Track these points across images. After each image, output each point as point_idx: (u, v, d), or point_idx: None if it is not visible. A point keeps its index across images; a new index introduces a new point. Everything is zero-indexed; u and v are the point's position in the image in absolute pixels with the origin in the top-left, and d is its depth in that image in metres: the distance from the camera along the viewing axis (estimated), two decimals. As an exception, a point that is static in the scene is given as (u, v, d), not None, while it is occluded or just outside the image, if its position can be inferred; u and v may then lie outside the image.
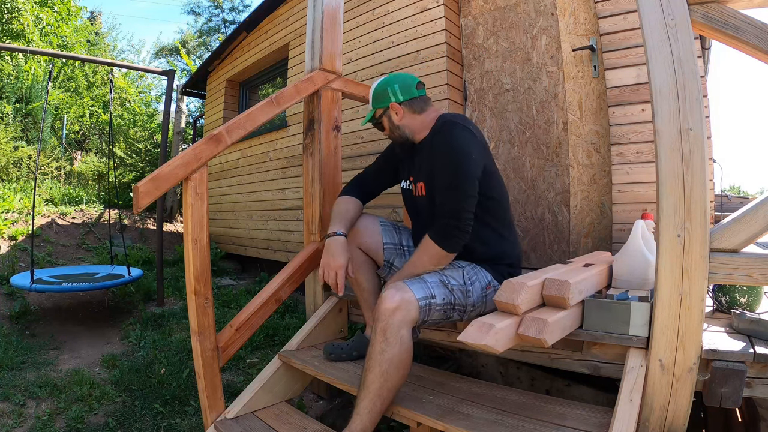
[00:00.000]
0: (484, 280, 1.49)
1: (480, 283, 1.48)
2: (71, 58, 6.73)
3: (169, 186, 1.53)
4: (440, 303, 1.38)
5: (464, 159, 1.41)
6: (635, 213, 2.15)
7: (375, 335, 1.31)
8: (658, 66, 1.12)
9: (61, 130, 7.82)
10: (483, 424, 1.23)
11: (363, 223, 1.71)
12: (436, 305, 1.37)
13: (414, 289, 1.34)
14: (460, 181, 1.40)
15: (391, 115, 1.62)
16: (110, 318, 3.35)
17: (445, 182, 1.43)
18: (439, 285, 1.39)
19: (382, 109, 1.64)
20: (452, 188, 1.41)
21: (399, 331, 1.29)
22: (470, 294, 1.45)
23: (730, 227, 1.09)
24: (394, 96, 1.61)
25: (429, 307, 1.35)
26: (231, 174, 4.98)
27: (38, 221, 4.77)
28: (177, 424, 1.94)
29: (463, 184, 1.40)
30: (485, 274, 1.50)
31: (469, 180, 1.40)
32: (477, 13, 2.91)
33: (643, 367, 1.17)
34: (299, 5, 4.06)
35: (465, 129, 1.47)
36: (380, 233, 1.71)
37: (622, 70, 2.21)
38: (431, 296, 1.36)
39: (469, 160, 1.41)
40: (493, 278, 1.51)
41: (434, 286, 1.38)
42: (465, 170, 1.40)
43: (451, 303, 1.41)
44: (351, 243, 1.67)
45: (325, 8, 2.09)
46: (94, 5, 14.37)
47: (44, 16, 8.36)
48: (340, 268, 1.54)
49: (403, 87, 1.61)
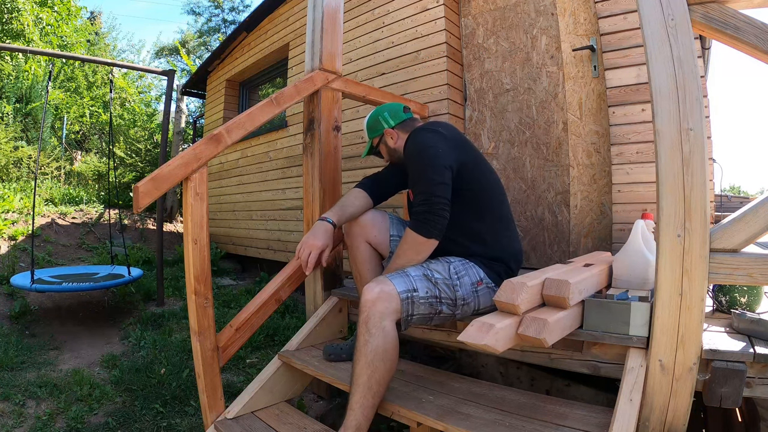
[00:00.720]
0: (475, 276, 1.49)
1: (470, 278, 1.47)
2: (71, 58, 6.73)
3: (169, 186, 1.53)
4: (423, 296, 1.39)
5: (426, 151, 1.48)
6: (635, 213, 2.15)
7: (359, 327, 1.34)
8: (658, 66, 1.12)
9: (61, 130, 7.82)
10: (483, 424, 1.23)
11: (373, 217, 1.73)
12: (419, 298, 1.38)
13: (395, 282, 1.36)
14: (424, 170, 1.44)
15: (387, 140, 1.74)
16: (110, 318, 3.35)
17: (414, 176, 1.50)
18: (421, 278, 1.41)
19: (378, 137, 1.76)
20: (419, 179, 1.46)
21: (381, 322, 1.31)
22: (458, 288, 1.45)
23: (730, 227, 1.09)
24: (386, 123, 1.73)
25: (411, 300, 1.36)
26: (231, 174, 4.98)
27: (38, 221, 4.76)
28: (177, 424, 1.94)
29: (429, 172, 1.43)
30: (477, 270, 1.50)
31: (433, 168, 1.44)
32: (477, 13, 2.91)
33: (643, 367, 1.17)
34: (299, 5, 4.06)
35: (430, 131, 1.56)
36: (388, 227, 1.73)
37: (622, 70, 2.21)
38: (413, 289, 1.37)
39: (433, 152, 1.47)
40: (486, 275, 1.50)
41: (416, 279, 1.40)
42: (428, 161, 1.45)
43: (436, 296, 1.41)
44: (359, 237, 1.70)
45: (325, 8, 2.09)
46: (94, 5, 14.38)
47: (44, 16, 8.36)
48: (316, 248, 1.60)
49: (391, 113, 1.74)
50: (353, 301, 1.98)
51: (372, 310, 1.32)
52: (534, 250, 2.63)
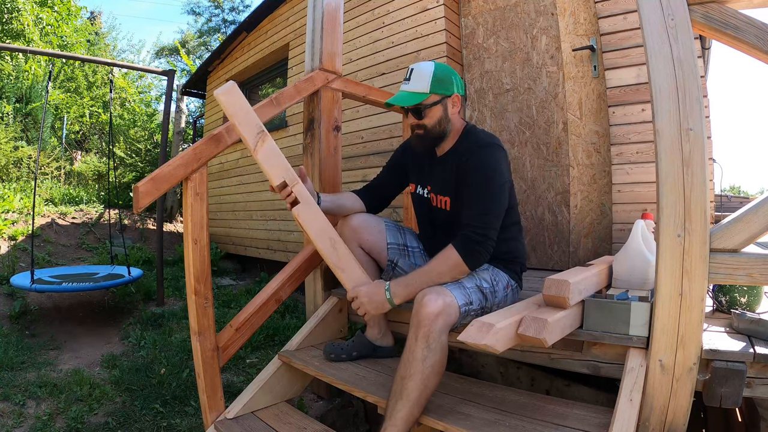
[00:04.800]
0: (504, 279, 1.51)
1: (502, 284, 1.50)
2: (71, 58, 6.74)
3: (169, 186, 1.53)
4: (475, 308, 1.38)
5: (499, 177, 1.42)
6: (635, 213, 2.15)
7: (416, 341, 1.25)
8: (658, 66, 1.12)
9: (61, 130, 7.82)
10: (483, 424, 1.23)
11: (364, 220, 1.66)
12: (472, 311, 1.37)
13: (456, 294, 1.32)
14: (494, 207, 1.40)
15: (449, 105, 1.49)
16: (110, 318, 3.35)
17: (480, 207, 1.40)
18: (476, 290, 1.40)
19: (440, 96, 1.47)
20: (485, 213, 1.39)
21: (440, 337, 1.26)
22: (497, 294, 1.46)
23: (730, 227, 1.09)
24: (457, 87, 1.50)
25: (467, 314, 1.35)
26: (231, 174, 4.98)
27: (38, 221, 4.76)
28: (177, 424, 1.94)
29: (497, 210, 1.41)
30: (503, 274, 1.52)
31: (502, 206, 1.42)
32: (477, 13, 2.91)
33: (643, 367, 1.17)
34: (299, 5, 4.06)
35: (500, 149, 1.46)
36: (384, 232, 1.67)
37: (622, 70, 2.21)
38: (470, 302, 1.36)
39: (501, 180, 1.42)
40: (509, 278, 1.53)
41: (472, 291, 1.38)
42: (497, 189, 1.41)
43: (483, 307, 1.41)
44: (352, 241, 1.64)
45: (325, 8, 2.08)
46: (94, 5, 14.36)
47: (44, 16, 8.35)
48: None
49: (459, 81, 1.52)
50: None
51: (434, 325, 1.25)
52: (534, 251, 2.63)
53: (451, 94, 1.49)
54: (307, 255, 1.99)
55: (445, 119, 1.50)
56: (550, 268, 2.56)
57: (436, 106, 1.47)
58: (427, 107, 1.47)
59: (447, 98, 1.48)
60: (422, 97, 1.46)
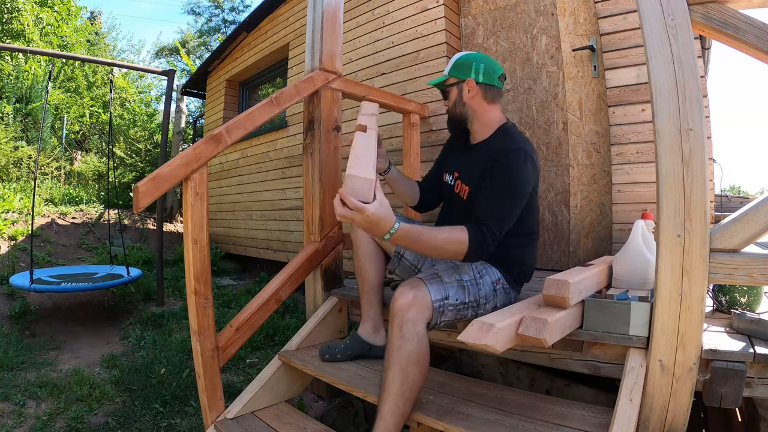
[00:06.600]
0: (494, 275, 1.51)
1: (490, 278, 1.49)
2: (71, 58, 6.74)
3: (169, 186, 1.53)
4: (453, 303, 1.38)
5: (522, 185, 1.43)
6: (635, 213, 2.15)
7: (392, 333, 1.30)
8: (658, 66, 1.12)
9: (61, 130, 7.81)
10: (483, 424, 1.23)
11: None
12: (448, 305, 1.37)
13: (430, 288, 1.34)
14: (508, 214, 1.41)
15: (464, 89, 1.56)
16: (110, 318, 3.35)
17: (499, 209, 1.41)
18: (454, 286, 1.40)
19: (456, 80, 1.58)
20: (502, 219, 1.40)
21: (415, 326, 1.28)
22: (481, 285, 1.46)
23: (730, 227, 1.09)
24: (475, 73, 1.55)
25: (442, 309, 1.35)
26: (231, 174, 4.98)
27: (38, 221, 4.76)
28: (177, 424, 1.94)
29: (511, 218, 1.42)
30: (494, 270, 1.52)
31: (515, 215, 1.43)
32: (477, 13, 2.91)
33: (643, 367, 1.17)
34: (299, 5, 4.06)
35: (530, 159, 1.45)
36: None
37: (622, 70, 2.21)
38: (445, 297, 1.36)
39: (523, 188, 1.43)
40: (501, 276, 1.52)
41: (450, 286, 1.39)
42: (518, 196, 1.42)
43: (464, 302, 1.41)
44: (362, 231, 1.65)
45: (325, 8, 2.08)
46: (94, 5, 14.33)
47: (44, 16, 8.35)
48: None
49: (487, 69, 1.56)
50: (353, 301, 1.98)
51: (406, 315, 1.28)
52: (534, 250, 2.63)
53: (466, 79, 1.55)
54: (307, 255, 1.99)
55: (460, 102, 1.58)
56: (550, 268, 2.56)
57: (452, 87, 1.60)
58: (448, 87, 1.61)
59: (462, 82, 1.56)
60: (442, 78, 1.61)
